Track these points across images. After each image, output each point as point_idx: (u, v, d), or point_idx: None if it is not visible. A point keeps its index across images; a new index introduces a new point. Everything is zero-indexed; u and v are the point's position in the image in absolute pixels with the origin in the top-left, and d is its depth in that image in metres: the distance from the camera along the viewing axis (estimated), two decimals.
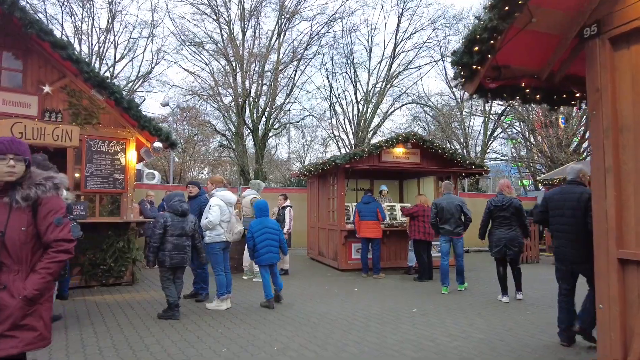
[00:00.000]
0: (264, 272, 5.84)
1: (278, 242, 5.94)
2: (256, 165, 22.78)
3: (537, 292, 6.93)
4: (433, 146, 9.20)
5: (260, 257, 5.81)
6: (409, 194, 11.92)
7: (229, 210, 5.60)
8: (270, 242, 5.84)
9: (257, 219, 5.95)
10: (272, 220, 6.08)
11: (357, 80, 24.44)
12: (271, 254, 5.84)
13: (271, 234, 5.87)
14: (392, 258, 9.23)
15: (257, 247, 5.79)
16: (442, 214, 6.92)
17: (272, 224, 5.97)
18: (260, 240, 5.76)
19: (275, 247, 5.90)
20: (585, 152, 25.22)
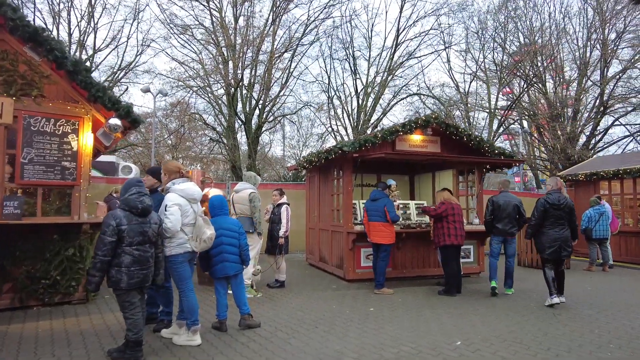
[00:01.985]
0: (219, 287, 4.42)
1: (237, 247, 4.47)
2: (249, 161, 21.22)
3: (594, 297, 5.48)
4: (457, 132, 7.71)
5: (213, 268, 4.38)
6: (422, 190, 10.44)
7: (192, 209, 4.07)
8: (226, 248, 4.39)
9: (212, 218, 4.48)
10: (231, 220, 4.61)
11: (356, 72, 22.93)
12: (227, 264, 4.38)
13: (228, 237, 4.41)
14: (408, 266, 7.75)
15: (210, 254, 4.34)
16: (498, 212, 6.54)
17: (229, 224, 4.50)
18: (213, 246, 4.27)
19: (233, 255, 4.43)
20: (594, 146, 24.10)
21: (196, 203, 4.12)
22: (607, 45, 22.83)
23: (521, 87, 24.70)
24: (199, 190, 4.18)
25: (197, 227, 3.98)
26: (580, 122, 23.83)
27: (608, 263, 9.57)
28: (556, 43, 23.72)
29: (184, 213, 3.94)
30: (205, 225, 4.03)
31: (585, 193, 12.16)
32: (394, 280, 7.49)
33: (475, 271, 8.33)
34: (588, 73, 23.56)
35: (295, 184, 12.92)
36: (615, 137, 24.97)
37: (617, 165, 11.71)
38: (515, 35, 24.23)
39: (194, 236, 3.97)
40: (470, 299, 6.16)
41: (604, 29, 22.74)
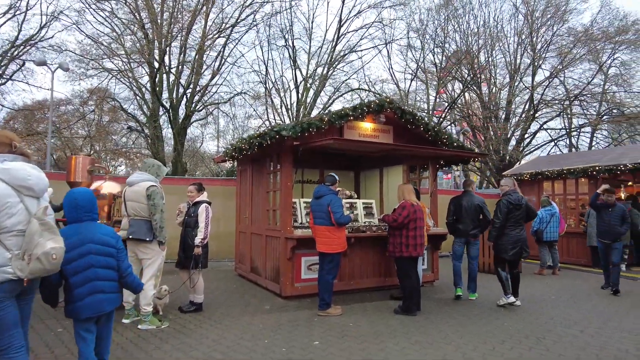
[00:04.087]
0: (83, 332, 2.76)
1: (115, 270, 2.90)
2: (174, 154, 19.03)
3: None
4: (414, 120, 6.63)
5: (76, 304, 2.70)
6: (368, 188, 9.35)
7: (24, 205, 2.43)
8: (98, 273, 2.77)
9: (71, 225, 2.83)
10: (103, 229, 2.94)
11: (296, 61, 21.58)
12: (101, 296, 2.77)
13: (100, 257, 2.80)
14: (357, 276, 6.54)
15: (70, 283, 2.70)
16: (460, 213, 6.28)
17: (102, 236, 2.85)
18: (76, 270, 2.70)
19: (110, 282, 2.84)
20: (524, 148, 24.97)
21: (34, 197, 2.49)
22: (536, 52, 23.66)
23: (458, 89, 24.95)
24: (41, 176, 2.54)
25: (27, 235, 2.34)
26: (511, 124, 24.53)
27: (557, 266, 9.12)
28: (490, 47, 24.19)
29: (4, 209, 2.31)
30: (45, 234, 2.37)
31: (529, 193, 11.85)
32: (341, 295, 6.24)
33: (429, 279, 7.34)
34: (518, 78, 24.31)
35: (225, 179, 11.27)
36: (540, 142, 26.09)
37: (559, 165, 11.51)
38: (453, 38, 24.35)
39: (21, 252, 2.34)
40: (435, 319, 5.06)
41: (533, 36, 23.53)
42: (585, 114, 24.63)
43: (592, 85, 23.59)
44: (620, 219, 6.63)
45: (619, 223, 6.61)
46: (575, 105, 24.15)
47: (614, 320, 5.14)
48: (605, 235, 6.76)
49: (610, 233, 6.68)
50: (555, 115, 24.83)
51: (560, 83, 24.32)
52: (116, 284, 2.91)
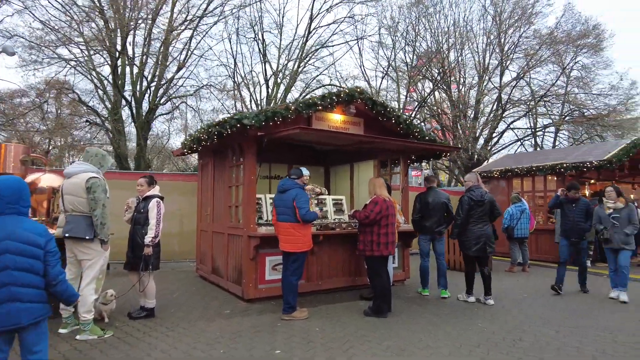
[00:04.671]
0: None
1: (40, 275, 2.40)
2: (137, 149, 18.14)
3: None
4: (386, 112, 6.33)
5: None
6: (338, 183, 9.03)
7: None
8: (15, 277, 2.30)
9: None
10: (27, 224, 2.43)
11: (266, 57, 21.03)
12: (16, 305, 2.29)
13: (18, 257, 2.32)
14: (325, 276, 6.18)
15: None
16: (426, 210, 6.11)
17: (23, 233, 2.35)
18: None
19: (30, 289, 2.35)
20: (492, 147, 25.40)
21: None
22: (504, 53, 24.08)
23: (428, 88, 25.09)
24: None
25: None
26: (479, 123, 24.90)
27: (527, 263, 9.08)
28: (460, 47, 24.45)
29: None
30: None
31: (499, 190, 11.87)
32: (307, 296, 5.87)
33: (400, 278, 7.08)
34: (487, 78, 24.70)
35: (187, 174, 10.67)
36: (507, 141, 26.64)
37: (528, 162, 11.57)
38: (424, 37, 24.44)
39: None
40: (406, 320, 4.76)
41: (501, 37, 23.94)
42: (549, 115, 25.30)
43: (556, 86, 24.22)
44: (584, 214, 6.36)
45: (583, 219, 6.35)
46: (540, 106, 24.75)
47: (587, 318, 5.00)
48: (571, 233, 6.39)
49: (575, 230, 6.34)
50: (521, 115, 25.39)
51: (526, 84, 24.87)
52: (40, 292, 2.41)
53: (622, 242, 5.86)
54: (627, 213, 5.90)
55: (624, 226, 5.85)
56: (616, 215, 5.92)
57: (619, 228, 5.87)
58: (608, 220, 6.00)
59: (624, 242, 5.86)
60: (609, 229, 5.95)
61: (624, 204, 6.00)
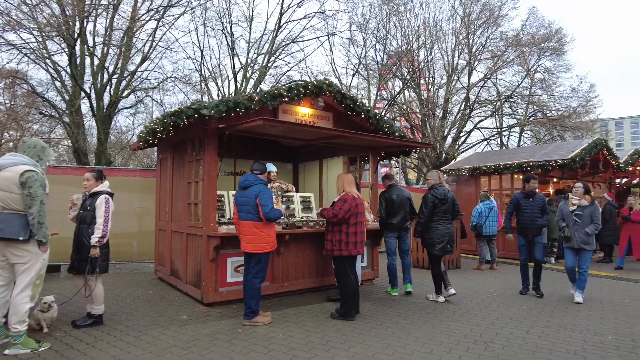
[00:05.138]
0: None
1: None
2: (97, 144, 17.21)
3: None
4: (355, 106, 6.09)
5: None
6: (307, 181, 8.75)
7: None
8: None
9: None
10: None
11: (234, 50, 20.45)
12: None
13: None
14: (291, 277, 5.89)
15: None
16: (392, 208, 6.03)
17: None
18: None
19: None
20: (460, 146, 25.82)
21: None
22: (472, 53, 24.49)
23: (398, 87, 25.21)
24: None
25: None
26: (447, 122, 25.26)
27: (495, 260, 9.10)
28: (430, 47, 24.69)
29: None
30: None
31: (467, 188, 11.93)
32: (273, 298, 5.58)
33: (369, 277, 6.89)
34: (455, 77, 25.07)
35: (145, 169, 10.11)
36: (474, 140, 27.18)
37: (496, 160, 11.66)
38: (395, 36, 24.51)
39: None
40: (375, 324, 4.53)
41: (470, 38, 24.33)
42: (514, 115, 25.95)
43: (521, 88, 24.86)
44: (540, 209, 6.11)
45: (539, 214, 6.09)
46: (506, 107, 25.34)
47: (556, 317, 4.94)
48: (527, 231, 6.11)
49: (531, 227, 6.07)
50: (488, 115, 25.93)
51: (493, 85, 25.40)
52: None
53: (582, 241, 5.59)
54: (591, 211, 5.64)
55: (585, 225, 5.60)
56: (579, 213, 5.68)
57: (579, 226, 5.62)
58: (570, 217, 5.75)
59: (584, 242, 5.59)
60: (570, 227, 5.71)
61: (589, 202, 5.72)
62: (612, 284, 7.10)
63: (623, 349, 3.85)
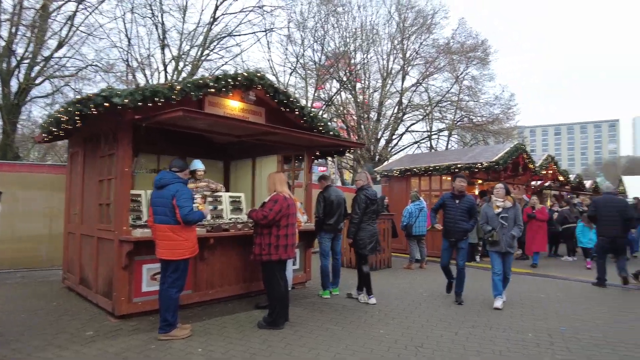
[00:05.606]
0: None
1: None
2: (3, 136, 15.30)
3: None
4: (289, 102, 5.82)
5: None
6: (239, 180, 8.34)
7: None
8: None
9: None
10: None
11: (165, 39, 19.27)
12: None
13: None
14: (217, 284, 5.47)
15: None
16: (330, 209, 5.90)
17: None
18: None
19: None
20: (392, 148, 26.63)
21: None
22: (405, 59, 25.35)
23: (335, 88, 25.41)
24: None
25: None
26: (381, 125, 25.94)
27: (425, 260, 9.31)
28: (366, 50, 25.18)
29: None
30: None
31: (399, 188, 12.17)
32: (195, 308, 5.14)
33: (301, 280, 6.67)
34: (390, 81, 25.81)
35: (55, 165, 9.06)
36: (406, 143, 28.21)
37: (426, 162, 12.01)
38: (333, 37, 24.64)
39: None
40: (304, 332, 4.29)
41: (404, 44, 25.15)
42: (443, 120, 27.28)
43: (450, 94, 26.20)
44: (467, 212, 5.80)
45: (465, 218, 5.78)
46: (436, 111, 26.56)
47: (483, 316, 5.05)
48: (450, 234, 5.84)
49: (454, 230, 5.79)
50: (419, 119, 27.00)
51: (425, 90, 26.50)
52: None
53: (509, 245, 5.48)
54: (514, 213, 5.53)
55: (511, 227, 5.46)
56: (505, 215, 5.49)
57: (506, 229, 5.46)
58: (496, 220, 5.53)
59: (510, 246, 5.49)
60: (497, 231, 5.49)
61: (512, 203, 5.59)
62: (529, 281, 7.51)
63: (542, 346, 3.97)
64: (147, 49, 20.17)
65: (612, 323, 4.80)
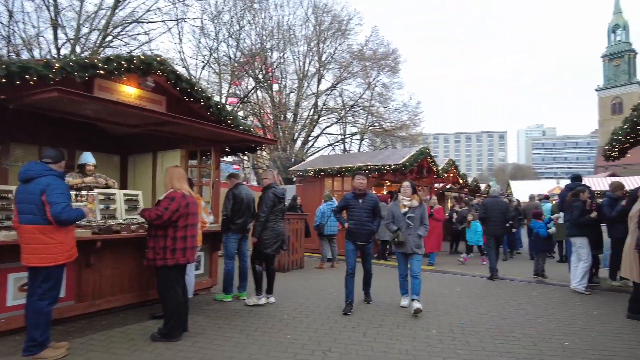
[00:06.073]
0: None
1: None
2: None
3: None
4: (193, 91, 5.35)
5: None
6: (138, 177, 7.59)
7: None
8: None
9: None
10: None
11: (57, 19, 17.11)
12: None
13: None
14: (106, 293, 4.81)
15: None
16: (239, 207, 5.59)
17: None
18: None
19: None
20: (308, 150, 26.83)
21: None
22: (321, 62, 25.72)
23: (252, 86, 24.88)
24: None
25: None
26: (297, 126, 26.01)
27: (336, 259, 9.34)
28: (282, 49, 25.05)
29: None
30: None
31: (313, 189, 12.13)
32: (79, 321, 4.45)
33: (206, 286, 6.22)
34: (306, 83, 25.99)
35: None
36: (321, 145, 28.67)
37: (339, 163, 12.16)
38: (249, 34, 24.08)
39: None
40: (205, 343, 3.90)
41: (320, 47, 25.49)
42: (355, 124, 28.18)
43: (363, 99, 27.13)
44: (371, 212, 5.43)
45: (369, 218, 5.42)
46: (349, 115, 27.32)
47: (390, 314, 5.08)
48: (355, 236, 5.42)
49: (359, 233, 5.39)
50: (334, 122, 27.58)
51: (339, 94, 27.11)
52: None
53: (416, 245, 5.28)
54: (421, 213, 5.40)
55: (417, 227, 5.32)
56: (411, 215, 5.31)
57: (413, 229, 5.29)
58: (402, 220, 5.34)
59: (416, 246, 5.29)
60: (403, 231, 5.30)
61: (418, 202, 5.44)
62: (430, 277, 7.85)
63: (445, 342, 4.06)
64: (36, 27, 17.77)
65: (504, 314, 5.13)
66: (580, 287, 6.45)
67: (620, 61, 66.02)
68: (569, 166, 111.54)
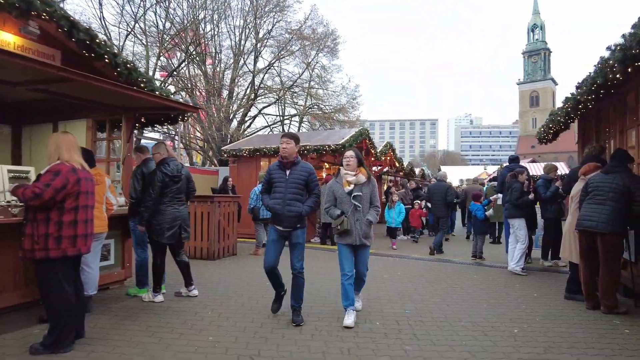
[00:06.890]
0: None
1: None
2: None
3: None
4: (93, 44, 4.35)
5: None
6: (35, 151, 6.40)
7: None
8: None
9: None
10: None
11: None
12: None
13: None
14: None
15: None
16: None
17: None
18: None
19: None
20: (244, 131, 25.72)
21: None
22: (258, 38, 24.53)
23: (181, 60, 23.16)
24: None
25: None
26: (233, 106, 24.77)
27: None
28: (217, 23, 23.54)
29: None
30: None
31: (248, 169, 11.38)
32: None
33: (118, 278, 5.34)
34: (242, 60, 24.71)
35: None
36: (259, 126, 27.68)
37: (276, 143, 11.45)
38: (180, 4, 22.22)
39: None
40: (103, 351, 3.12)
41: (257, 23, 24.25)
42: (295, 105, 27.47)
43: (302, 80, 26.43)
44: (301, 187, 4.04)
45: (300, 196, 4.04)
46: (288, 96, 26.50)
47: (329, 305, 4.59)
48: (278, 219, 4.01)
49: (284, 215, 3.97)
50: (272, 102, 26.62)
51: (277, 75, 26.15)
52: None
53: (364, 234, 3.99)
54: (370, 191, 4.06)
55: (365, 211, 4.01)
56: (358, 194, 3.98)
57: (361, 213, 3.97)
58: (347, 201, 3.99)
59: (365, 236, 4.00)
60: (348, 216, 3.95)
61: (366, 177, 4.07)
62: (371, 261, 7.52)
63: (390, 336, 3.65)
64: None
65: (449, 300, 4.86)
66: (518, 269, 6.45)
67: (537, 58, 73.04)
68: (494, 153, 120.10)
